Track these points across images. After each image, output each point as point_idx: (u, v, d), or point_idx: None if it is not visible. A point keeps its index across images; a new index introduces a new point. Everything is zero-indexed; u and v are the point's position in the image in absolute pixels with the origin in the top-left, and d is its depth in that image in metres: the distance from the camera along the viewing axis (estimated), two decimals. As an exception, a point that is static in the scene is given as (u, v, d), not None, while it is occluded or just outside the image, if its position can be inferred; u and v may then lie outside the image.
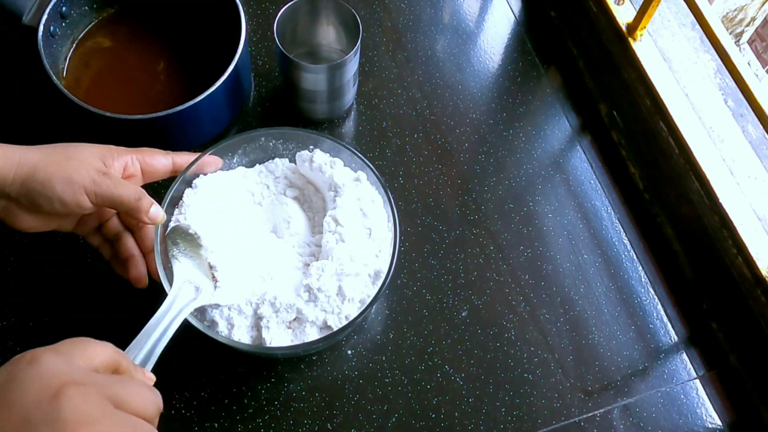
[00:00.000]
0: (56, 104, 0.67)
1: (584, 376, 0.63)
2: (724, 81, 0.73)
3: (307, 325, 0.55)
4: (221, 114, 0.69)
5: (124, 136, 0.62)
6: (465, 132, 0.75)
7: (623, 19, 0.73)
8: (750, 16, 1.31)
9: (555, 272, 0.68)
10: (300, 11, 0.68)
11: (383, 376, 0.62)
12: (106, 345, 0.39)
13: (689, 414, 0.63)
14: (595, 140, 0.76)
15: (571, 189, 0.73)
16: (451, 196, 0.71)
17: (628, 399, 0.63)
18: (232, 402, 0.60)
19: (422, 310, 0.65)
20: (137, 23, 0.73)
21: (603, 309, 0.67)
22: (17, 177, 0.48)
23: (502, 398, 0.62)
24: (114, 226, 0.57)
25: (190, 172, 0.59)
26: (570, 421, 0.62)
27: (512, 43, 0.81)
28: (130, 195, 0.52)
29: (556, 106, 0.78)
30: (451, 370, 0.62)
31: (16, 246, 0.64)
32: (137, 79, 0.70)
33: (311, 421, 0.60)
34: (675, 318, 0.67)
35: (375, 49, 0.79)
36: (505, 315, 0.65)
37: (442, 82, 0.77)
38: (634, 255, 0.70)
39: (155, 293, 0.56)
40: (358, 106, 0.75)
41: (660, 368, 0.65)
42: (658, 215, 0.72)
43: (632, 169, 0.75)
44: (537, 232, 0.70)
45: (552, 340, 0.65)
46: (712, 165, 0.66)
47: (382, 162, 0.72)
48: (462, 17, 0.83)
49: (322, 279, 0.55)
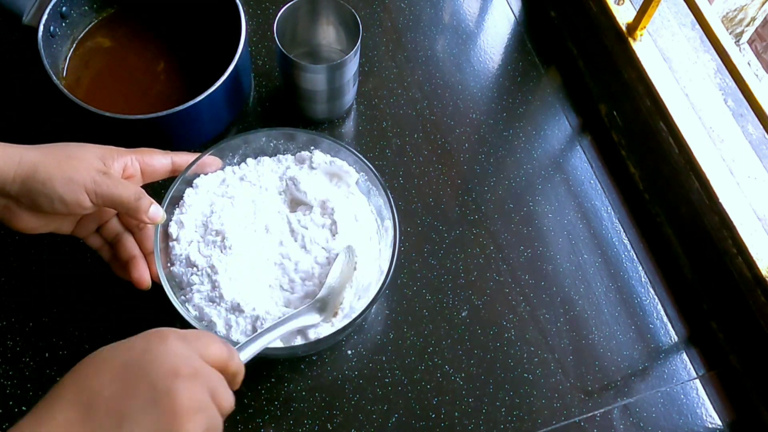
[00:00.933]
0: (56, 104, 0.67)
1: (584, 376, 0.63)
2: (724, 81, 0.73)
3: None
4: (221, 114, 0.69)
5: (124, 136, 0.62)
6: (465, 132, 0.75)
7: (623, 19, 0.73)
8: (750, 16, 1.31)
9: (555, 272, 0.68)
10: (300, 11, 0.68)
11: (383, 376, 0.62)
12: (225, 345, 0.44)
13: (689, 414, 0.63)
14: (595, 140, 0.76)
15: (571, 189, 0.73)
16: (451, 196, 0.71)
17: (628, 399, 0.63)
18: (232, 402, 0.60)
19: (422, 310, 0.65)
20: (137, 23, 0.73)
21: (603, 309, 0.67)
22: (18, 176, 0.48)
23: (502, 398, 0.62)
24: (113, 228, 0.57)
25: (190, 172, 0.59)
26: (570, 421, 0.62)
27: (512, 43, 0.81)
28: (129, 195, 0.52)
29: (556, 106, 0.78)
30: (451, 370, 0.62)
31: (16, 246, 0.64)
32: (137, 79, 0.70)
33: (311, 421, 0.60)
34: (675, 318, 0.67)
35: (375, 49, 0.79)
36: (505, 315, 0.65)
37: (442, 82, 0.77)
38: (634, 255, 0.70)
39: (155, 293, 0.56)
40: (358, 106, 0.75)
41: (660, 368, 0.65)
42: (658, 215, 0.72)
43: (632, 169, 0.75)
44: (537, 232, 0.70)
45: (552, 340, 0.65)
46: (712, 165, 0.66)
47: (382, 162, 0.72)
48: (462, 17, 0.83)
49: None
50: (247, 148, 0.62)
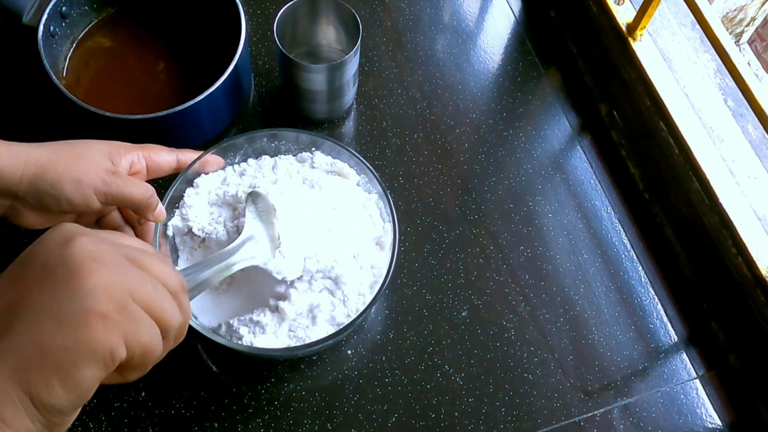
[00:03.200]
0: (56, 104, 0.67)
1: (584, 376, 0.63)
2: (724, 81, 0.73)
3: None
4: (221, 114, 0.69)
5: (124, 136, 0.61)
6: (465, 132, 0.75)
7: (623, 19, 0.73)
8: (750, 16, 1.31)
9: (555, 272, 0.68)
10: (300, 11, 0.68)
11: (383, 376, 0.62)
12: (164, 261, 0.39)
13: (689, 414, 0.63)
14: (595, 140, 0.77)
15: (571, 189, 0.73)
16: (451, 196, 0.71)
17: (628, 399, 0.63)
18: (232, 402, 0.60)
19: (422, 310, 0.65)
20: (137, 23, 0.73)
21: (603, 309, 0.67)
22: (24, 176, 0.48)
23: (502, 398, 0.62)
24: (114, 220, 0.57)
25: (192, 171, 0.59)
26: (570, 421, 0.62)
27: (512, 43, 0.81)
28: (141, 193, 0.52)
29: (556, 106, 0.78)
30: (451, 370, 0.62)
31: (16, 246, 0.64)
32: (137, 79, 0.70)
33: (311, 421, 0.60)
34: (675, 318, 0.68)
35: (375, 49, 0.79)
36: (505, 315, 0.65)
37: (442, 82, 0.77)
38: (634, 255, 0.70)
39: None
40: (358, 106, 0.75)
41: (660, 368, 0.65)
42: (658, 215, 0.72)
43: (632, 169, 0.75)
44: (537, 232, 0.70)
45: (552, 340, 0.65)
46: (712, 165, 0.66)
47: (382, 162, 0.72)
48: (462, 17, 0.83)
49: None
50: (248, 147, 0.62)
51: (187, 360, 0.61)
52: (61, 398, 0.32)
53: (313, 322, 0.56)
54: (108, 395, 0.59)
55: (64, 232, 0.35)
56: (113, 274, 0.34)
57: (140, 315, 0.35)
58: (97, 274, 0.33)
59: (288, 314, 0.55)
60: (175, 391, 0.60)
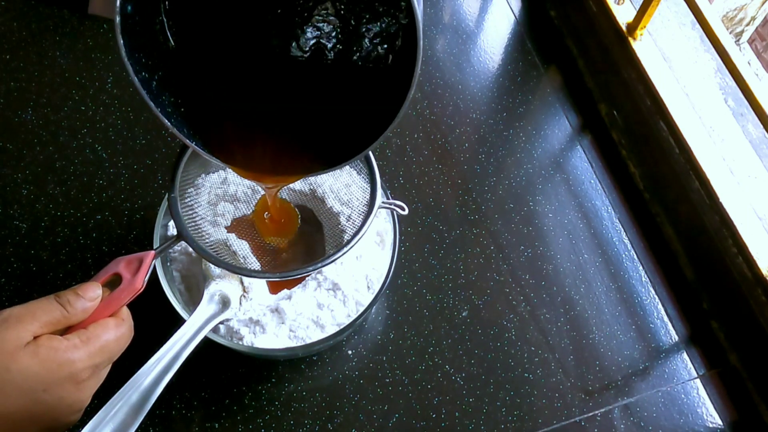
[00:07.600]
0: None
1: (585, 376, 0.63)
2: (724, 80, 0.73)
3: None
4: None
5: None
6: (465, 132, 0.75)
7: (623, 19, 0.73)
8: (750, 15, 1.31)
9: (555, 272, 0.68)
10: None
11: (383, 376, 0.62)
12: (52, 302, 0.42)
13: (690, 413, 0.63)
14: (595, 140, 0.76)
15: (571, 189, 0.73)
16: (451, 196, 0.71)
17: (629, 399, 0.63)
18: (233, 402, 0.60)
19: (422, 310, 0.65)
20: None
21: (603, 309, 0.67)
22: None
23: (503, 398, 0.62)
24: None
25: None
26: (570, 420, 0.62)
27: (512, 43, 0.81)
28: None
29: (556, 106, 0.78)
30: (452, 370, 0.62)
31: (16, 246, 0.64)
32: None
33: (311, 421, 0.60)
34: (675, 317, 0.67)
35: (375, 49, 0.79)
36: (505, 315, 0.65)
37: (442, 82, 0.77)
38: (634, 255, 0.70)
39: (155, 292, 0.56)
40: (358, 106, 0.75)
41: (660, 368, 0.65)
42: (658, 215, 0.72)
43: (632, 169, 0.75)
44: (537, 232, 0.70)
45: (552, 340, 0.65)
46: (712, 164, 0.66)
47: (382, 162, 0.72)
48: (462, 17, 0.83)
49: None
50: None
51: (187, 360, 0.61)
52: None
53: (314, 322, 0.56)
54: (108, 395, 0.59)
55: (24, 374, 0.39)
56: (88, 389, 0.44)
57: (103, 371, 0.45)
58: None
59: (288, 314, 0.55)
60: (175, 391, 0.60)
